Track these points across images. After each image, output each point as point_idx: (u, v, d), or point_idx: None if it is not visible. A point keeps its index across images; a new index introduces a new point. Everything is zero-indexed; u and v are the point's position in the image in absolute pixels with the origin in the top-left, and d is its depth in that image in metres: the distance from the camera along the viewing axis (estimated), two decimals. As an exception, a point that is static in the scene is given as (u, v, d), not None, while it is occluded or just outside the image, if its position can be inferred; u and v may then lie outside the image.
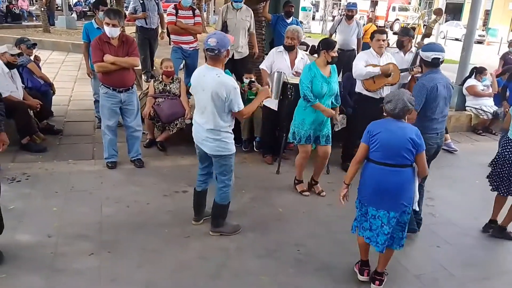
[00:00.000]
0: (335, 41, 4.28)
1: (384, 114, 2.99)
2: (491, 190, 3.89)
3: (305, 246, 3.50)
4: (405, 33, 5.37)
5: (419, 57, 4.99)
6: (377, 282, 3.06)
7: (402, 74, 4.81)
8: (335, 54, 4.09)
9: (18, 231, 3.40)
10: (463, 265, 3.41)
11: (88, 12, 23.71)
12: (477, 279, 3.27)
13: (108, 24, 4.20)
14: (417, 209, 3.37)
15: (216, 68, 3.17)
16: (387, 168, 2.85)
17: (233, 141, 3.37)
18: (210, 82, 3.13)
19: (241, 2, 5.87)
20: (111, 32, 4.22)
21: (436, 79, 3.53)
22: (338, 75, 4.61)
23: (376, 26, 16.12)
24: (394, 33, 6.35)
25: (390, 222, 2.90)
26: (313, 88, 4.07)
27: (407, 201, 2.90)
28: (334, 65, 4.25)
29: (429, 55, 3.56)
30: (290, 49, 4.82)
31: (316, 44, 4.42)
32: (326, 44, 4.13)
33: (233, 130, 5.53)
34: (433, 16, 5.89)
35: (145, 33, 7.12)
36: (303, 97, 4.14)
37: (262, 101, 3.98)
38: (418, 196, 3.05)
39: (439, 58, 3.55)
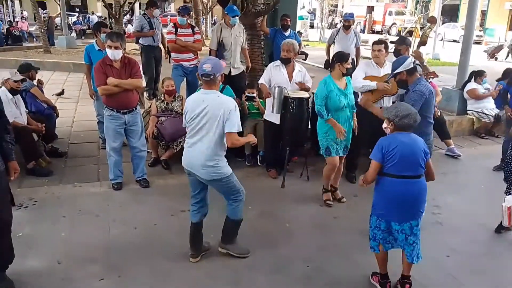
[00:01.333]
0: (349, 54, 4.35)
1: (389, 127, 3.00)
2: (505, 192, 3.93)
3: (314, 261, 3.50)
4: (402, 42, 5.42)
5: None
6: (407, 286, 3.11)
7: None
8: (350, 66, 4.18)
9: (28, 258, 3.41)
10: (472, 274, 3.41)
11: (87, 31, 24.02)
12: (488, 288, 3.26)
13: (110, 46, 4.25)
14: None
15: (214, 91, 3.21)
16: (408, 180, 2.92)
17: (227, 164, 3.30)
18: (211, 105, 3.13)
19: (236, 18, 5.93)
20: (114, 54, 4.28)
21: (428, 85, 3.83)
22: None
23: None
24: (391, 42, 6.39)
25: (413, 231, 3.00)
26: (332, 102, 4.14)
27: (423, 208, 3.04)
28: (349, 77, 4.33)
29: (407, 63, 3.80)
30: (286, 62, 4.87)
31: (307, 53, 4.53)
32: (340, 57, 4.23)
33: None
34: (428, 24, 5.95)
35: (152, 51, 7.22)
36: (318, 113, 4.21)
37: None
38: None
39: (415, 61, 3.92)
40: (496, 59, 18.28)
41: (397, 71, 3.82)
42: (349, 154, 5.23)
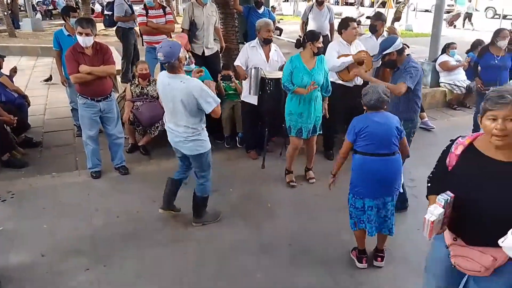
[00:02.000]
0: (320, 33, 4.33)
1: (364, 108, 3.11)
2: None
3: (297, 240, 3.59)
4: (378, 18, 5.44)
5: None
6: (379, 259, 3.28)
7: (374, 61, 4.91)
8: (321, 45, 4.18)
9: (11, 253, 3.39)
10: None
11: (53, 11, 23.06)
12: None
13: (81, 33, 4.13)
14: (401, 190, 3.54)
15: (177, 75, 3.29)
16: (381, 158, 3.03)
17: (207, 138, 3.54)
18: (177, 91, 3.25)
19: None
20: (85, 41, 4.16)
21: (417, 63, 3.91)
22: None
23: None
24: (367, 17, 6.40)
25: (386, 206, 3.12)
26: (294, 80, 4.17)
27: (398, 185, 3.14)
28: (322, 56, 4.32)
29: (397, 44, 3.84)
30: (268, 42, 4.84)
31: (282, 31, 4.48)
32: (311, 35, 4.21)
33: (214, 127, 5.60)
34: (401, 0, 5.98)
35: (133, 35, 7.17)
36: (284, 87, 4.25)
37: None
38: (403, 178, 3.26)
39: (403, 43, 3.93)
40: (454, 26, 18.67)
41: (387, 51, 3.86)
42: (325, 132, 5.32)
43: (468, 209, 1.94)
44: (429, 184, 2.25)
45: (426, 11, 25.62)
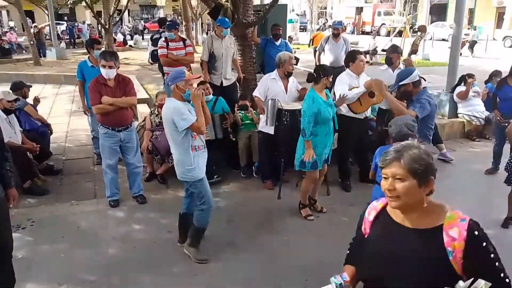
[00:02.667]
0: (330, 68, 4.43)
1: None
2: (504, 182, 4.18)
3: (313, 274, 3.53)
4: (394, 50, 5.50)
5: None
6: None
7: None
8: (331, 80, 4.26)
9: (28, 281, 3.42)
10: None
11: (76, 40, 23.91)
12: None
13: (104, 66, 4.28)
14: None
15: (168, 99, 3.49)
16: None
17: (199, 167, 3.52)
18: (164, 113, 3.47)
19: (228, 30, 6.01)
20: (108, 73, 4.31)
21: (432, 98, 4.09)
22: (330, 92, 4.76)
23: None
24: (383, 50, 6.44)
25: None
26: (323, 115, 4.11)
27: None
28: (327, 89, 4.38)
29: (414, 75, 3.84)
30: (290, 75, 4.94)
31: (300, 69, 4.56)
32: (325, 70, 4.25)
33: (231, 156, 5.65)
34: (418, 33, 6.04)
35: None
36: (302, 130, 4.17)
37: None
38: None
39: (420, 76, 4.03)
40: (460, 54, 18.63)
41: (403, 82, 3.92)
42: (340, 164, 5.29)
43: None
44: (348, 252, 2.03)
45: (443, 40, 25.75)
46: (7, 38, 18.78)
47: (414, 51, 5.39)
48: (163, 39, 6.24)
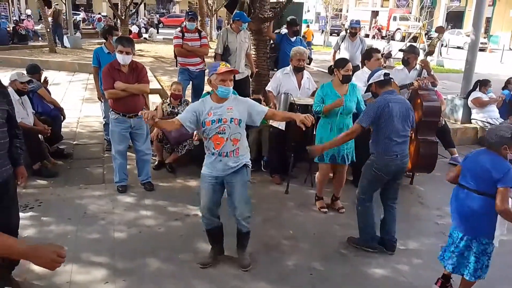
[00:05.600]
0: (348, 60, 4.36)
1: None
2: None
3: (318, 269, 3.52)
4: (412, 51, 5.44)
5: (423, 74, 5.10)
6: None
7: (401, 90, 4.91)
8: (346, 73, 4.17)
9: (34, 260, 3.43)
10: (476, 285, 3.40)
11: (92, 30, 24.04)
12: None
13: (121, 51, 4.29)
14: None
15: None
16: (467, 192, 2.93)
17: (204, 165, 3.33)
18: None
19: (246, 24, 6.01)
20: (125, 59, 4.32)
21: (390, 99, 3.52)
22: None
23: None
24: (400, 50, 6.34)
25: (459, 243, 2.99)
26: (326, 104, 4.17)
27: (481, 228, 2.90)
28: (355, 84, 4.35)
29: (376, 76, 3.62)
30: (300, 70, 4.90)
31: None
32: (338, 62, 4.27)
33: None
34: (435, 34, 5.96)
35: None
36: (314, 113, 4.23)
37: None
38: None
39: (389, 73, 3.63)
40: None
41: (368, 83, 3.76)
42: (357, 163, 5.23)
43: None
44: None
45: (458, 48, 25.51)
46: (24, 25, 18.92)
47: (430, 52, 5.31)
48: (179, 29, 6.24)
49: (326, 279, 3.41)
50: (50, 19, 15.95)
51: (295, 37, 7.01)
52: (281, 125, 4.93)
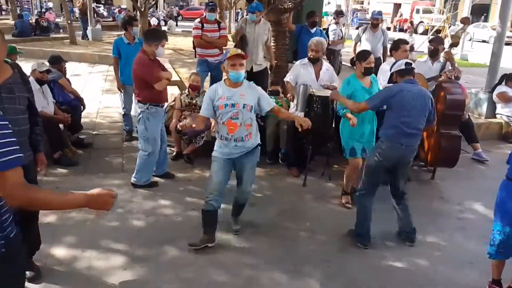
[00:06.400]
0: (370, 52, 4.29)
1: None
2: None
3: (334, 261, 3.48)
4: (440, 42, 5.31)
5: (447, 66, 4.97)
6: None
7: (429, 83, 4.78)
8: (369, 65, 4.10)
9: (54, 245, 3.50)
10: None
11: (112, 22, 24.27)
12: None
13: (163, 45, 4.37)
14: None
15: None
16: None
17: (216, 146, 3.52)
18: None
19: (254, 14, 5.93)
20: (164, 52, 4.40)
21: (405, 87, 3.46)
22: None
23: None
24: (430, 41, 6.15)
25: None
26: (357, 100, 4.04)
27: None
28: (374, 75, 4.28)
29: (400, 63, 3.58)
30: (315, 61, 4.83)
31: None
32: (360, 55, 4.22)
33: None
34: (460, 25, 5.80)
35: (340, 56, 8.36)
36: (337, 112, 4.23)
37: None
38: None
39: (411, 63, 3.57)
40: None
41: (390, 72, 3.71)
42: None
43: None
44: None
45: (483, 41, 24.83)
46: (45, 17, 19.24)
47: (455, 43, 5.16)
48: (198, 20, 6.23)
49: (342, 271, 3.38)
50: (78, 11, 16.06)
51: (314, 28, 6.93)
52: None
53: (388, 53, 5.26)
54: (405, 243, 3.75)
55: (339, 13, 8.91)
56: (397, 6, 36.99)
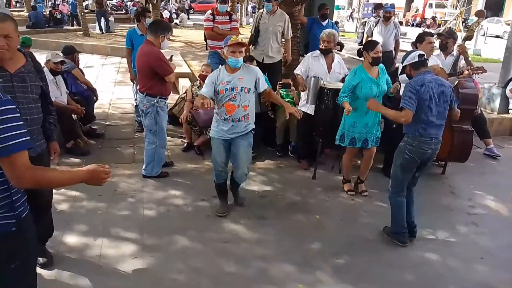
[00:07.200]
0: (377, 42, 4.26)
1: None
2: None
3: (343, 254, 3.49)
4: (451, 35, 5.23)
5: (460, 60, 4.89)
6: None
7: (450, 78, 4.69)
8: (376, 55, 4.07)
9: (66, 233, 3.56)
10: (507, 278, 3.31)
11: (125, 15, 24.37)
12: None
13: (168, 37, 4.42)
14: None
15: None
16: None
17: (213, 128, 3.84)
18: None
19: (270, 4, 5.89)
20: (167, 44, 4.48)
21: (425, 79, 3.39)
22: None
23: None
24: (438, 34, 6.04)
25: None
26: (364, 91, 4.09)
27: None
28: (382, 66, 4.26)
29: (413, 55, 3.49)
30: (326, 52, 4.80)
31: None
32: (367, 45, 4.20)
33: (268, 134, 5.59)
34: (475, 18, 5.71)
35: None
36: (340, 102, 4.20)
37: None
38: None
39: (424, 54, 3.48)
40: None
41: (403, 64, 3.65)
42: (387, 148, 5.10)
43: None
44: None
45: (497, 37, 24.43)
46: (59, 9, 19.39)
47: (469, 37, 5.07)
48: (210, 11, 6.23)
49: (351, 264, 3.38)
50: (95, 4, 16.11)
51: (326, 21, 6.88)
52: (310, 110, 4.87)
53: (411, 47, 5.14)
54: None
55: (378, 6, 8.78)
56: (410, 0, 36.55)
